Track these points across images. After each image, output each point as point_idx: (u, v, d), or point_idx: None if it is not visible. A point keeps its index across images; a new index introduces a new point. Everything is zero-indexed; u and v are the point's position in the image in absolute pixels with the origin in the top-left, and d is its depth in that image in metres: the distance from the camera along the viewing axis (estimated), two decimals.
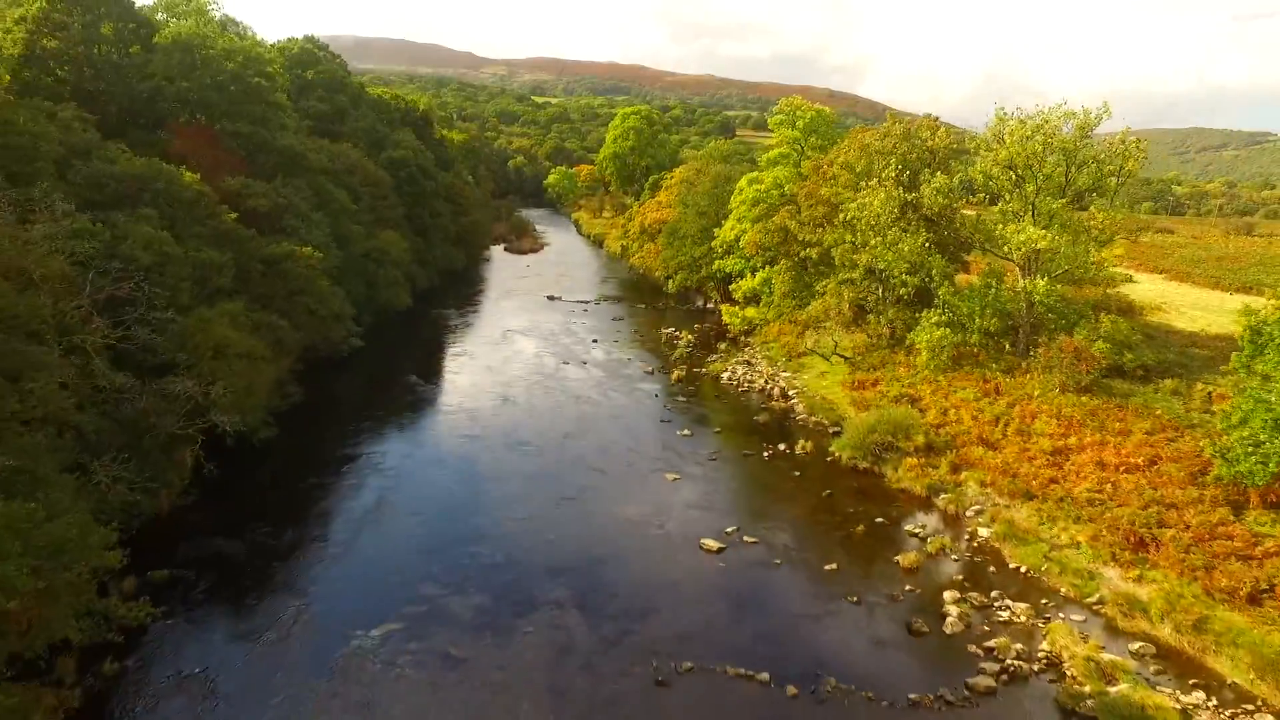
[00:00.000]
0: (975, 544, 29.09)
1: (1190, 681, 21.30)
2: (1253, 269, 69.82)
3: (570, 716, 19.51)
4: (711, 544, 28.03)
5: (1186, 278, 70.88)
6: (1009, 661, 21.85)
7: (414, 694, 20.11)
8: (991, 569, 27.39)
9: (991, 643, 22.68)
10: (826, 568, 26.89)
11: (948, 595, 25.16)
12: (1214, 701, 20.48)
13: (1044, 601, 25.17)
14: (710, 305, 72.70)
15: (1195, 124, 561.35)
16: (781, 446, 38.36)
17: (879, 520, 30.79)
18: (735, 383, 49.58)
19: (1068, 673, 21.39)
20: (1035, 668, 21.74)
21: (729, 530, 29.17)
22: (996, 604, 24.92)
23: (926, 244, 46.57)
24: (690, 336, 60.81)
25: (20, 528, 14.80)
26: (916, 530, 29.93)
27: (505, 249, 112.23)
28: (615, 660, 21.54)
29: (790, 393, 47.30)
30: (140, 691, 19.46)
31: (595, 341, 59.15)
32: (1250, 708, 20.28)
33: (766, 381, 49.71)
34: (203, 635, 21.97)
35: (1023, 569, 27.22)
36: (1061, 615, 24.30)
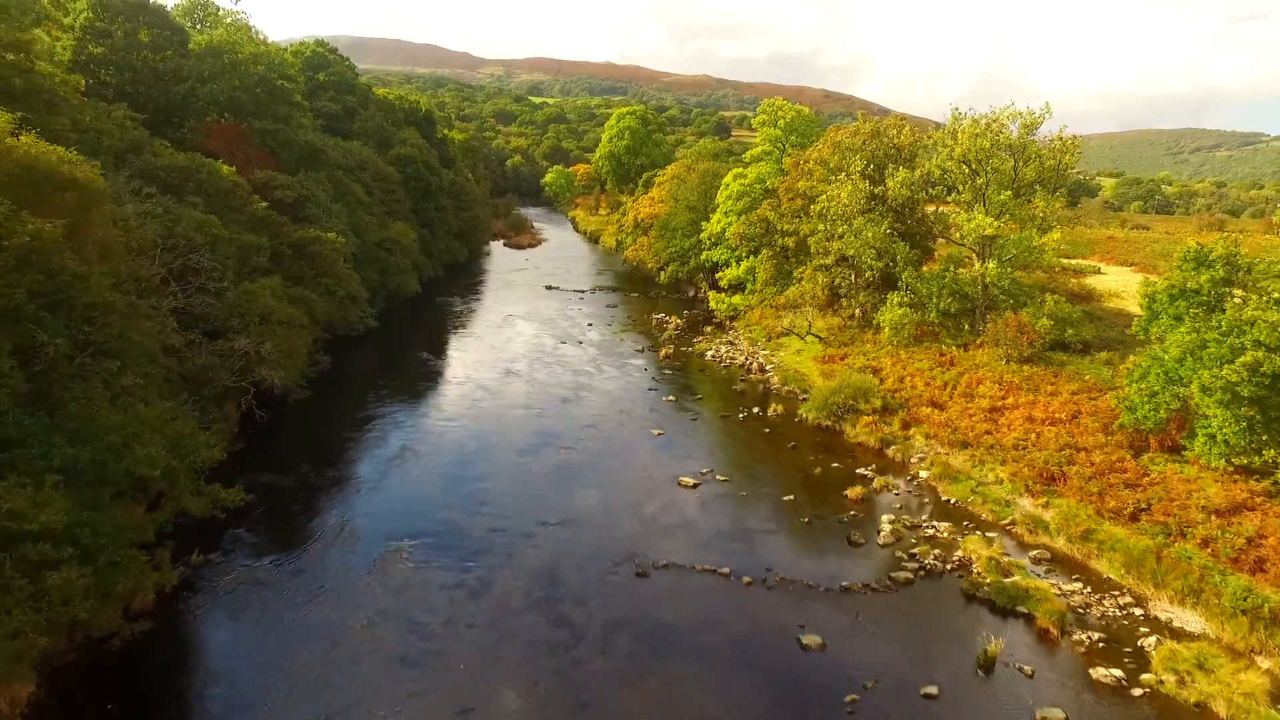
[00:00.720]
0: (915, 483, 33.87)
1: (1073, 576, 26.11)
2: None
3: (568, 599, 24.17)
4: (688, 480, 32.79)
5: (1153, 269, 75.43)
6: (927, 562, 26.60)
7: (439, 584, 24.74)
8: (926, 500, 32.17)
9: (915, 550, 27.43)
10: (785, 499, 31.65)
11: (885, 518, 29.90)
12: (1088, 589, 25.25)
13: (966, 523, 29.95)
14: (699, 294, 77.33)
15: (1189, 125, 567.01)
16: (755, 410, 43.10)
17: (835, 465, 35.56)
18: (718, 360, 54.27)
19: (974, 569, 26.14)
20: (948, 567, 26.49)
21: (704, 471, 33.94)
22: (925, 524, 29.69)
23: (890, 232, 51.33)
24: (679, 321, 65.47)
25: (155, 424, 19.40)
26: (866, 473, 34.67)
27: (504, 244, 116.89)
28: (603, 560, 26.26)
29: (767, 367, 52.03)
30: (219, 577, 24.15)
31: (590, 325, 63.83)
32: (1115, 593, 25.05)
33: (746, 358, 54.41)
34: (265, 542, 26.64)
35: (952, 500, 31.98)
36: (978, 532, 29.05)
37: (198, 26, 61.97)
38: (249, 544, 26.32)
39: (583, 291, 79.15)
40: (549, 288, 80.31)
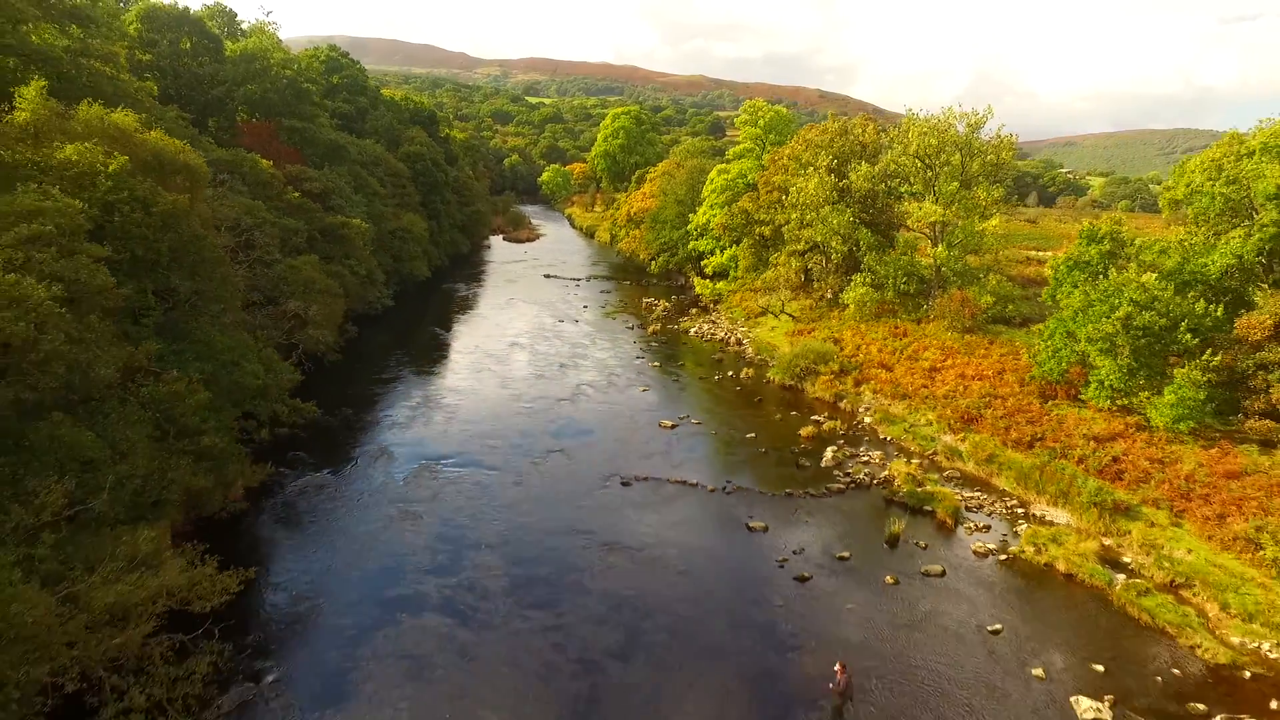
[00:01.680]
0: (860, 426, 40.05)
1: (975, 488, 32.30)
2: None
3: (567, 500, 30.26)
4: (667, 422, 38.96)
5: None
6: (858, 478, 32.78)
7: (463, 492, 30.82)
8: (866, 438, 38.35)
9: (850, 469, 33.60)
10: (747, 436, 37.82)
11: (829, 449, 36.05)
12: (984, 495, 31.44)
13: (896, 453, 36.12)
14: (687, 282, 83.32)
15: (1183, 125, 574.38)
16: (730, 374, 49.26)
17: (794, 414, 41.72)
18: (701, 336, 60.45)
19: (895, 483, 32.29)
20: (875, 482, 32.66)
21: (681, 416, 40.12)
22: (862, 454, 35.86)
23: (854, 220, 57.48)
24: (667, 304, 71.60)
25: (254, 348, 25.34)
26: (819, 418, 40.83)
27: (504, 238, 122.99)
28: (594, 475, 32.40)
29: (744, 341, 58.22)
30: (289, 483, 30.26)
31: (585, 308, 69.94)
32: (1006, 499, 31.27)
33: (726, 334, 60.60)
34: (321, 461, 32.70)
35: (888, 438, 38.16)
36: (904, 459, 35.20)
37: (222, 33, 67.95)
38: (309, 462, 32.41)
39: (579, 280, 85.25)
40: (547, 276, 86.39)
